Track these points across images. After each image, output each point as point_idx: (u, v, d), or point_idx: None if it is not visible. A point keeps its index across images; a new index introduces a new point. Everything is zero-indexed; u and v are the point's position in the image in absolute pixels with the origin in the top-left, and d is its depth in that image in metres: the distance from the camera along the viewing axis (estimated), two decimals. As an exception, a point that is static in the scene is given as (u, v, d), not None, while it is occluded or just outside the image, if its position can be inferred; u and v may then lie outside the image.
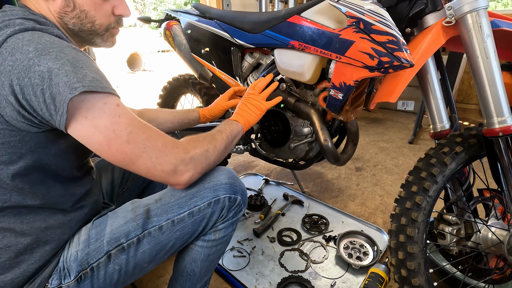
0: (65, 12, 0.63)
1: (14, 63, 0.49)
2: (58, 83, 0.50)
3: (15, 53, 0.50)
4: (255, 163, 2.08)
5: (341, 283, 1.09)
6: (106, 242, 0.66)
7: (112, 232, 0.67)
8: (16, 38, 0.51)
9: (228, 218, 0.77)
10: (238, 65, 1.24)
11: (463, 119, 3.00)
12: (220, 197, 0.73)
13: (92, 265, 0.65)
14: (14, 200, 0.59)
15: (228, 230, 0.79)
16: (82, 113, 0.53)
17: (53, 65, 0.50)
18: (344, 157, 1.19)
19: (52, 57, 0.50)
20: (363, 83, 1.00)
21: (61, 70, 0.50)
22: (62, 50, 0.52)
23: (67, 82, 0.50)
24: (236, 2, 3.23)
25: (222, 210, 0.74)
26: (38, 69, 0.49)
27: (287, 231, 1.35)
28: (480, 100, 0.78)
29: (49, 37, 0.54)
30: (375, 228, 1.37)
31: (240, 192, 0.77)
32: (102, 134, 0.54)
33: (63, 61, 0.51)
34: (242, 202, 0.78)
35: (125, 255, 0.67)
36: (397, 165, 2.05)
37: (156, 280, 1.13)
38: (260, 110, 0.93)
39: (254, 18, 1.11)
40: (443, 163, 0.80)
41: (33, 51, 0.50)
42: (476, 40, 0.74)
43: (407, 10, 0.84)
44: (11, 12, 0.56)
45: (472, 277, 0.98)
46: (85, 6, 0.63)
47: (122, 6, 0.69)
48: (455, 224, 0.90)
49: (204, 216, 0.72)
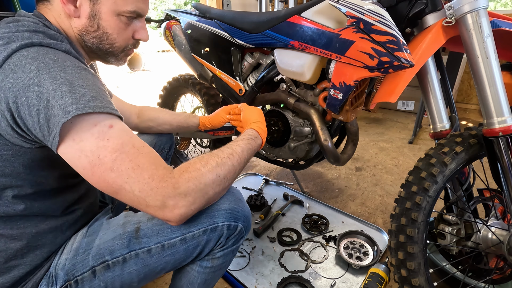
0: (87, 31, 0.63)
1: (15, 81, 0.48)
2: (54, 106, 0.48)
3: (17, 71, 0.49)
4: (255, 163, 2.08)
5: (341, 283, 1.09)
6: (91, 257, 0.62)
7: (99, 246, 0.63)
8: (20, 54, 0.50)
9: (227, 246, 0.70)
10: (238, 65, 1.24)
11: (463, 119, 3.00)
12: (218, 225, 0.66)
13: (76, 278, 0.61)
14: (4, 209, 0.57)
15: (227, 258, 0.72)
16: (71, 135, 0.50)
17: (51, 86, 0.49)
18: (344, 157, 1.19)
19: (52, 77, 0.49)
20: (363, 83, 1.00)
21: (57, 92, 0.49)
22: (64, 69, 0.51)
23: (62, 105, 0.48)
24: (236, 2, 3.23)
25: (220, 238, 0.67)
26: (37, 89, 0.48)
27: (287, 231, 1.35)
28: (480, 100, 0.78)
29: (54, 54, 0.52)
30: (375, 228, 1.37)
31: (242, 219, 0.69)
32: (87, 159, 0.50)
33: (62, 81, 0.49)
34: (244, 229, 0.70)
35: (110, 272, 0.62)
36: (397, 165, 2.05)
37: (156, 280, 1.13)
38: None
39: (254, 18, 1.11)
40: (443, 163, 0.80)
41: (35, 70, 0.49)
42: (476, 40, 0.74)
43: (407, 10, 0.84)
44: (22, 22, 0.55)
45: (472, 277, 0.98)
46: (108, 29, 0.63)
47: (142, 31, 0.69)
48: (455, 224, 0.90)
49: (198, 243, 0.66)
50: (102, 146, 0.50)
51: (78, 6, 0.60)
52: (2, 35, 0.51)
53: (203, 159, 0.60)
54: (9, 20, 0.56)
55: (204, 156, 0.62)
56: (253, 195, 1.60)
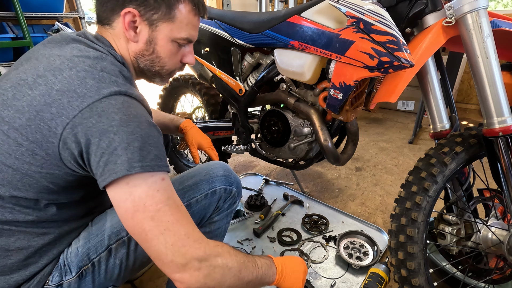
0: (142, 55, 0.68)
1: (97, 123, 0.52)
2: (121, 155, 0.52)
3: (102, 116, 0.52)
4: (255, 163, 2.08)
5: (341, 283, 1.09)
6: (107, 236, 0.67)
7: (112, 226, 0.68)
8: (108, 102, 0.53)
9: (223, 210, 0.81)
10: (238, 65, 1.24)
11: (463, 119, 3.00)
12: (216, 188, 0.77)
13: (93, 260, 0.66)
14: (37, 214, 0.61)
15: (222, 222, 0.82)
16: (126, 180, 0.53)
17: (126, 139, 0.52)
18: (344, 157, 1.19)
19: (129, 130, 0.53)
20: (363, 83, 1.00)
21: (130, 146, 0.52)
22: (140, 125, 0.54)
23: (130, 159, 0.52)
24: (236, 2, 3.23)
25: (219, 201, 0.78)
26: (112, 136, 0.52)
27: (287, 231, 1.35)
28: (480, 100, 0.78)
29: (135, 108, 0.56)
30: (375, 228, 1.37)
31: (235, 184, 0.81)
32: (132, 203, 0.53)
33: (136, 136, 0.53)
34: (236, 194, 0.82)
35: (125, 249, 0.68)
36: (397, 165, 2.05)
37: (156, 280, 1.13)
38: None
39: (254, 18, 1.11)
40: (443, 163, 0.80)
41: (117, 120, 0.52)
42: (476, 40, 0.74)
43: (407, 10, 0.84)
44: (104, 60, 0.58)
45: (472, 277, 0.98)
46: (162, 53, 0.68)
47: (190, 56, 0.74)
48: (455, 224, 0.90)
49: (201, 207, 0.75)
50: (151, 195, 0.53)
51: (138, 32, 0.65)
52: (90, 70, 0.55)
53: (238, 251, 0.63)
54: (87, 46, 0.60)
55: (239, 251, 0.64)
56: (253, 195, 1.60)
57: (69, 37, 0.62)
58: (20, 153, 0.54)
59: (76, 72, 0.54)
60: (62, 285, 0.64)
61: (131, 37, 0.65)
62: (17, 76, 0.57)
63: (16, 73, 0.58)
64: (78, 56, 0.57)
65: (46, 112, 0.52)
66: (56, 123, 0.52)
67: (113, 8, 0.63)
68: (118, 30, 0.65)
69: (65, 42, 0.61)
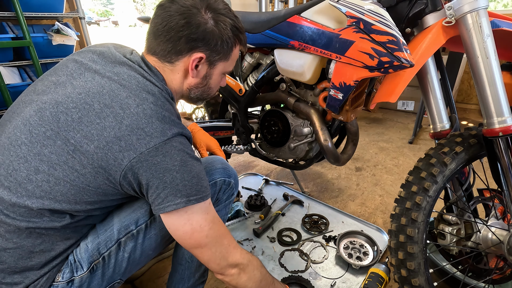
0: (197, 87, 0.75)
1: (161, 162, 0.59)
2: (181, 190, 0.61)
3: (166, 156, 0.59)
4: (255, 163, 2.09)
5: (341, 283, 1.09)
6: (116, 231, 0.70)
7: (120, 220, 0.71)
8: (171, 145, 0.60)
9: (222, 201, 0.86)
10: (238, 65, 1.24)
11: (463, 119, 3.00)
12: (216, 180, 0.82)
13: (103, 254, 0.69)
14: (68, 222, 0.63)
15: (221, 213, 0.87)
16: (184, 209, 0.62)
17: (187, 177, 0.61)
18: (344, 157, 1.19)
19: (187, 170, 0.61)
20: (363, 83, 1.00)
21: (189, 183, 0.61)
22: (194, 164, 0.63)
23: (189, 194, 0.61)
24: (236, 2, 3.23)
25: (218, 193, 0.83)
26: (174, 174, 0.60)
27: (287, 231, 1.35)
28: (480, 100, 0.78)
29: (188, 147, 0.64)
30: (375, 228, 1.38)
31: (233, 177, 0.87)
32: (191, 226, 0.63)
33: (192, 175, 0.62)
34: (234, 185, 0.87)
35: (133, 242, 0.72)
36: (397, 165, 2.05)
37: (156, 280, 1.13)
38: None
39: (254, 18, 1.11)
40: (443, 163, 0.80)
41: (179, 161, 0.60)
42: (476, 40, 0.74)
43: (407, 10, 0.84)
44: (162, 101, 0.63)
45: (472, 277, 0.98)
46: (212, 84, 0.77)
47: (225, 80, 0.82)
48: (455, 224, 0.90)
49: None
50: (204, 218, 0.64)
51: (198, 70, 0.71)
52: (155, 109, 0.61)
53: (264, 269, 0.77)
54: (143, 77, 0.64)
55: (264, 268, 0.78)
56: (253, 195, 1.60)
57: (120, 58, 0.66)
58: (83, 173, 0.59)
59: (143, 110, 0.59)
60: (74, 280, 0.66)
61: (193, 74, 0.71)
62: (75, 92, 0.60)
63: (73, 87, 0.61)
64: (141, 90, 0.62)
65: (115, 145, 0.57)
66: (123, 155, 0.58)
67: (180, 50, 0.67)
68: (178, 67, 0.69)
69: (118, 63, 0.65)
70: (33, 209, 0.58)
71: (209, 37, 0.67)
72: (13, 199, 0.57)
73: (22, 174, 0.58)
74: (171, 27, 0.64)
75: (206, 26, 0.66)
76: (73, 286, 0.66)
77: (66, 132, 0.58)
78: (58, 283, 0.65)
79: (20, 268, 0.61)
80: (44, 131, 0.58)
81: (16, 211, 0.58)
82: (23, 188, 0.58)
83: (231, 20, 0.69)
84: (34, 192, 0.58)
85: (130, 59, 0.67)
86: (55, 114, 0.59)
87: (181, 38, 0.65)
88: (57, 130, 0.58)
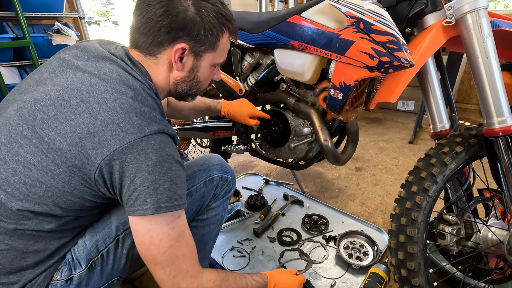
0: (183, 81, 0.71)
1: (135, 160, 0.55)
2: (151, 194, 0.56)
3: (141, 154, 0.56)
4: (255, 163, 2.08)
5: (341, 283, 1.09)
6: (114, 228, 0.69)
7: (118, 218, 0.70)
8: (148, 142, 0.56)
9: (219, 197, 0.86)
10: (238, 65, 1.24)
11: (463, 119, 2.99)
12: (213, 176, 0.82)
13: (102, 252, 0.68)
14: (59, 223, 0.63)
15: (219, 209, 0.87)
16: (150, 217, 0.58)
17: (159, 180, 0.57)
18: (344, 157, 1.19)
19: (162, 172, 0.57)
20: (363, 83, 1.00)
21: (160, 187, 0.57)
22: (171, 166, 0.59)
23: (158, 200, 0.57)
24: (236, 2, 3.23)
25: (216, 189, 0.83)
26: (146, 175, 0.56)
27: (287, 231, 1.35)
28: (480, 100, 0.78)
29: (170, 147, 0.60)
30: (375, 228, 1.37)
31: (230, 173, 0.87)
32: (150, 238, 0.59)
33: (167, 177, 0.58)
34: (231, 182, 0.88)
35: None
36: (397, 165, 2.05)
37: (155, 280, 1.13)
38: None
39: (254, 18, 1.11)
40: (443, 163, 0.80)
41: (154, 161, 0.56)
42: (476, 40, 0.74)
43: (407, 10, 0.84)
44: (144, 96, 0.60)
45: (472, 277, 0.98)
46: (201, 78, 0.73)
47: (217, 73, 0.78)
48: (455, 224, 0.90)
49: (200, 195, 0.80)
50: (166, 232, 0.59)
51: (183, 62, 0.67)
52: (133, 104, 0.57)
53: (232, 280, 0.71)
54: (125, 71, 0.61)
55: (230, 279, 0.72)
56: (253, 195, 1.60)
57: (103, 53, 0.63)
58: (57, 173, 0.56)
59: (120, 104, 0.56)
60: (72, 278, 0.66)
61: (178, 67, 0.67)
62: (54, 89, 0.58)
63: (53, 85, 0.59)
64: (121, 84, 0.58)
65: (88, 141, 0.55)
66: (97, 153, 0.55)
67: (161, 42, 0.63)
68: (162, 60, 0.66)
69: (100, 58, 0.62)
70: (16, 212, 0.57)
71: (191, 26, 0.62)
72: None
73: (1, 176, 0.56)
74: (150, 17, 0.61)
75: (186, 14, 0.61)
76: (72, 284, 0.66)
77: (41, 130, 0.56)
78: (57, 282, 0.65)
79: (16, 268, 0.61)
80: (21, 130, 0.56)
81: (3, 213, 0.57)
82: (3, 190, 0.57)
83: (214, 7, 0.64)
84: (13, 195, 0.57)
85: (114, 54, 0.64)
86: (32, 112, 0.57)
87: (161, 29, 0.61)
88: (34, 129, 0.56)
